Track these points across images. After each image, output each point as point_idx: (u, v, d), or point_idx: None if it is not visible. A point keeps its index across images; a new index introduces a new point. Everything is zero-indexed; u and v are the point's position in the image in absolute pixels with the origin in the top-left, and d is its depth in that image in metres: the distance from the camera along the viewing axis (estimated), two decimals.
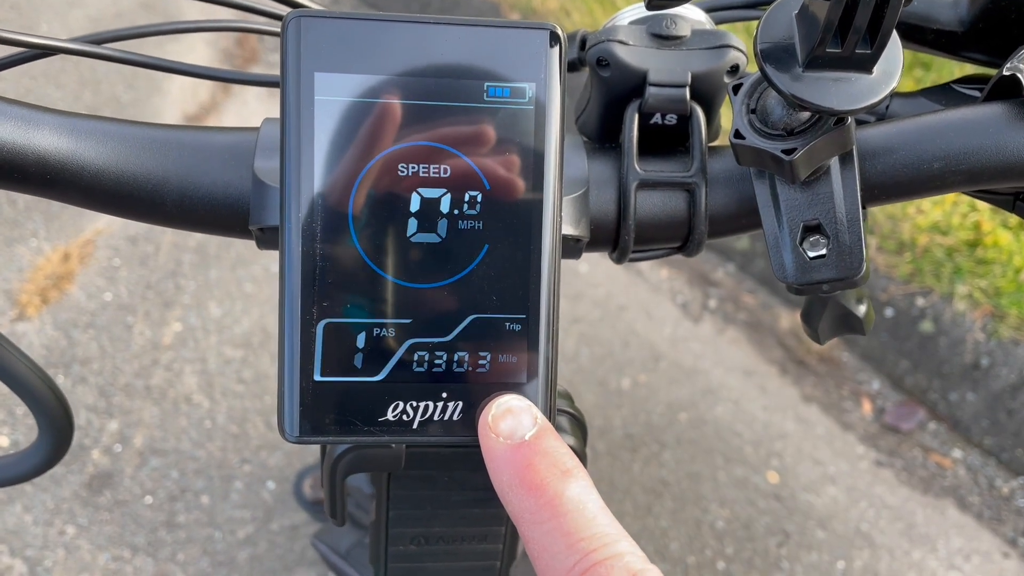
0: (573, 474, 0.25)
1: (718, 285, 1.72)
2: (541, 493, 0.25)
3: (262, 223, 0.33)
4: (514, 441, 0.26)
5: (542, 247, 0.29)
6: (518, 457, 0.26)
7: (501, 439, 0.26)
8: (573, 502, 0.24)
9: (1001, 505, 1.43)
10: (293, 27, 0.28)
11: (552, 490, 0.25)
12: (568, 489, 0.25)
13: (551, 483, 0.25)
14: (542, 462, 0.25)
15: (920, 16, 0.38)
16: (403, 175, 0.29)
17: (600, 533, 0.24)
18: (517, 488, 0.25)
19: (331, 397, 0.29)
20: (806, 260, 0.34)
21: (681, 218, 0.36)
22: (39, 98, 1.91)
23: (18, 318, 1.55)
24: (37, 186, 0.32)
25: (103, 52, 0.37)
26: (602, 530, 0.24)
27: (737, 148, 0.33)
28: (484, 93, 0.29)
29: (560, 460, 0.26)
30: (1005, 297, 1.46)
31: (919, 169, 0.34)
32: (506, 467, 0.26)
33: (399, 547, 0.44)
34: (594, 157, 0.36)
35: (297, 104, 0.28)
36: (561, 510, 0.24)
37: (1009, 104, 0.34)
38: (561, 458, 0.26)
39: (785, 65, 0.29)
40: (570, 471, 0.25)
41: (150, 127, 0.34)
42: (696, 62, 0.36)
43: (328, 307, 0.29)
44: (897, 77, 0.29)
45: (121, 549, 1.29)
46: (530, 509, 0.25)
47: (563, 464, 0.26)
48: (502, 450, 0.26)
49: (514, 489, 0.25)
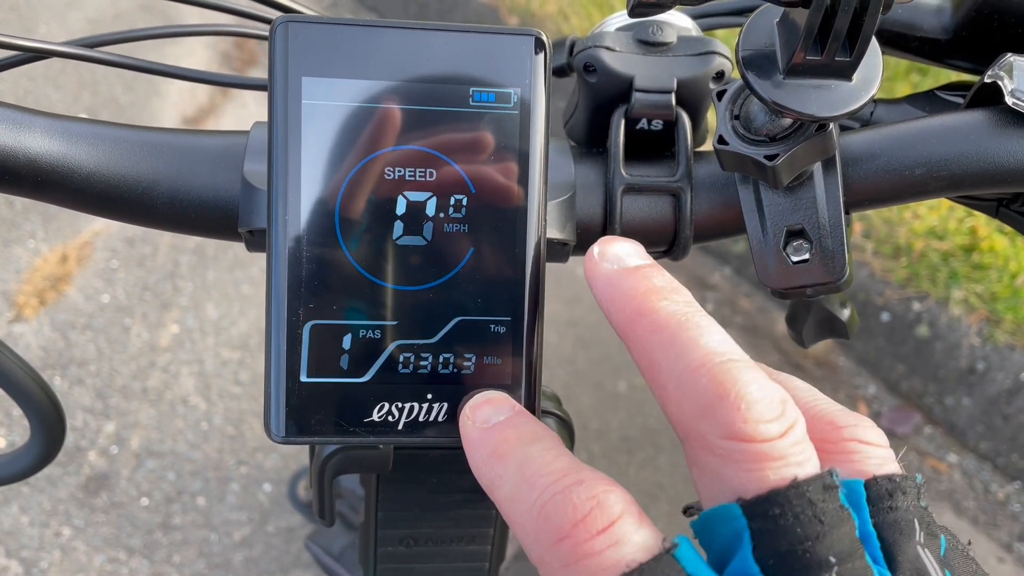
0: (541, 437, 0.25)
1: (715, 289, 1.72)
2: (509, 458, 0.24)
3: (251, 226, 0.33)
4: (490, 424, 0.26)
5: (527, 250, 0.30)
6: (492, 434, 0.25)
7: (478, 424, 0.26)
8: (536, 453, 0.24)
9: (996, 510, 1.43)
10: (281, 32, 0.28)
11: (520, 453, 0.24)
12: (533, 448, 0.24)
13: (519, 448, 0.24)
14: (512, 434, 0.25)
15: (904, 24, 0.38)
16: (389, 178, 0.29)
17: (559, 468, 0.23)
18: (488, 458, 0.25)
19: (317, 398, 0.29)
20: (789, 264, 0.34)
21: (667, 222, 0.37)
22: (38, 99, 1.91)
23: (15, 319, 1.55)
24: (28, 188, 0.32)
25: (97, 56, 0.37)
26: (562, 466, 0.23)
27: (721, 154, 0.33)
28: (470, 98, 0.29)
29: (531, 430, 0.25)
30: (1001, 302, 1.46)
31: (901, 175, 0.34)
32: (480, 446, 0.25)
33: (388, 548, 0.44)
34: (581, 162, 0.37)
35: (284, 108, 0.28)
36: (525, 462, 0.23)
37: (990, 111, 0.35)
38: (533, 428, 0.25)
39: (766, 72, 0.30)
40: (540, 436, 0.25)
41: (141, 130, 0.34)
42: (682, 68, 0.36)
43: (314, 309, 0.29)
44: (877, 84, 0.29)
45: (117, 551, 1.30)
46: (499, 473, 0.24)
47: (534, 433, 0.25)
48: (478, 434, 0.26)
49: (486, 460, 0.25)
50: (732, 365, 0.22)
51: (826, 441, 0.23)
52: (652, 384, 0.24)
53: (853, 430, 0.23)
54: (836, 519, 0.20)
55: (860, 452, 0.23)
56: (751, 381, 0.21)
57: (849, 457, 0.23)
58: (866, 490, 0.22)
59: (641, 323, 0.24)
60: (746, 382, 0.21)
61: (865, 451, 0.23)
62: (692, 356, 0.22)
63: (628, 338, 0.25)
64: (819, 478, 0.21)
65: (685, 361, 0.22)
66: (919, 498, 0.22)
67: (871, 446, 0.23)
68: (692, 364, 0.22)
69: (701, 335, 0.23)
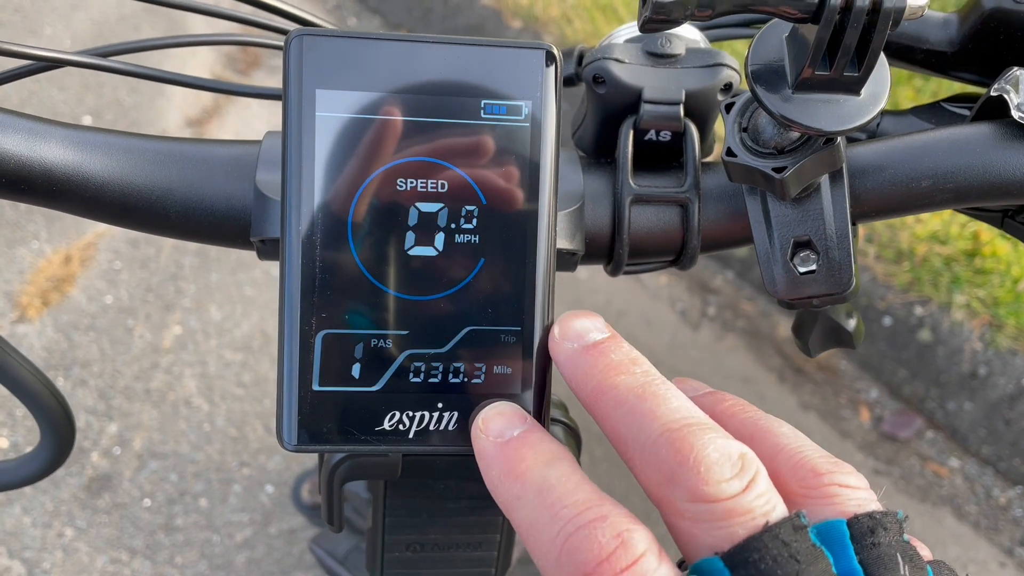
0: (559, 457, 0.25)
1: (717, 292, 1.72)
2: (527, 479, 0.25)
3: (263, 235, 0.33)
4: (504, 439, 0.27)
5: (537, 261, 0.30)
6: (507, 451, 0.26)
7: (491, 438, 0.27)
8: (556, 478, 0.24)
9: (998, 514, 1.43)
10: (296, 45, 0.29)
11: (538, 474, 0.25)
12: (552, 471, 0.25)
13: (536, 468, 0.25)
14: (529, 452, 0.26)
15: (910, 36, 0.39)
16: (401, 189, 0.29)
17: (582, 499, 0.23)
18: (505, 478, 0.25)
19: (329, 407, 0.29)
20: (796, 275, 0.34)
21: (675, 233, 0.37)
22: (42, 101, 1.92)
23: (19, 320, 1.55)
24: (43, 197, 0.33)
25: (109, 65, 0.38)
26: (584, 497, 0.23)
27: (729, 166, 0.33)
28: (481, 110, 0.29)
29: (547, 448, 0.26)
30: (1003, 307, 1.47)
31: (908, 187, 0.35)
32: (495, 462, 0.26)
33: (395, 554, 0.44)
34: (589, 172, 0.37)
35: (299, 119, 0.29)
36: (544, 487, 0.24)
37: (996, 124, 0.35)
38: (549, 446, 0.26)
39: (775, 86, 0.30)
40: (556, 455, 0.25)
41: (154, 139, 0.34)
42: (690, 80, 0.36)
43: (327, 318, 0.29)
44: (885, 99, 0.30)
45: (119, 552, 1.30)
46: (517, 494, 0.25)
47: (550, 452, 0.26)
48: (492, 448, 0.26)
49: (502, 480, 0.25)
50: (688, 430, 0.23)
51: (809, 487, 0.24)
52: (622, 456, 0.25)
53: (833, 476, 0.24)
54: (810, 557, 0.21)
55: (841, 495, 0.24)
56: (708, 443, 0.23)
57: (831, 500, 0.24)
58: (849, 528, 0.23)
59: (603, 400, 0.25)
60: (703, 445, 0.22)
61: (846, 493, 0.24)
62: (651, 427, 0.24)
63: (594, 414, 0.26)
64: (788, 520, 0.22)
65: (646, 433, 0.24)
66: (901, 533, 0.23)
67: (851, 489, 0.24)
68: (652, 435, 0.23)
69: (658, 405, 0.24)
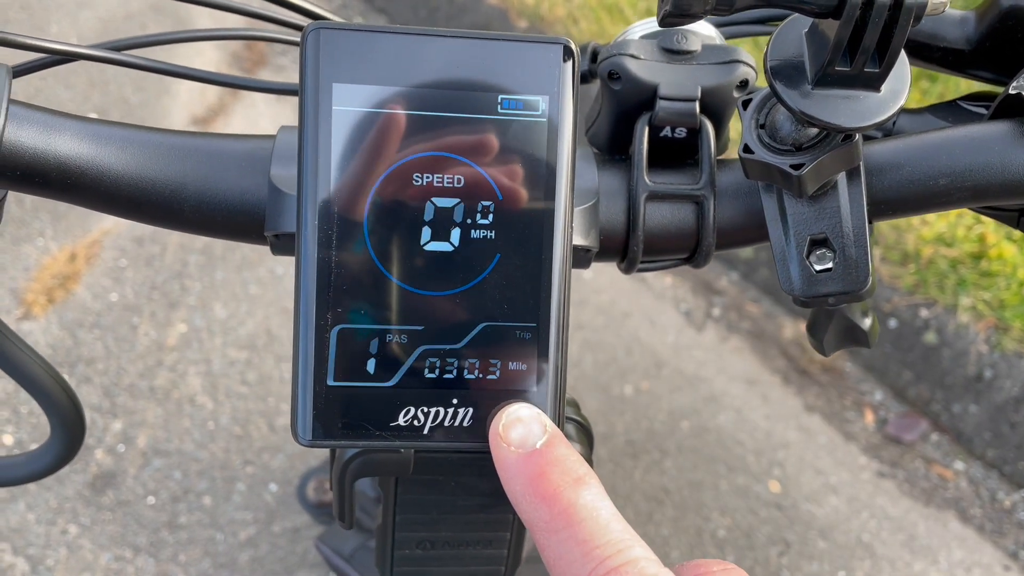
0: (585, 481, 0.26)
1: (722, 293, 1.72)
2: (555, 502, 0.25)
3: (277, 229, 0.33)
4: (525, 450, 0.27)
5: (553, 257, 0.30)
6: (530, 466, 0.26)
7: (512, 448, 0.27)
8: (587, 509, 0.25)
9: (1003, 518, 1.43)
10: (312, 39, 0.29)
11: (565, 499, 0.25)
12: (581, 497, 0.25)
13: (564, 492, 0.25)
14: (554, 471, 0.26)
15: (927, 34, 0.39)
16: (417, 184, 0.29)
17: (614, 539, 0.24)
18: (531, 498, 0.26)
19: (344, 402, 0.29)
20: (812, 273, 0.34)
21: (689, 230, 0.37)
22: (48, 98, 1.92)
23: (24, 317, 1.55)
24: (58, 191, 0.33)
25: (123, 59, 0.38)
26: (616, 536, 0.24)
27: (746, 162, 0.33)
28: (498, 105, 0.29)
29: (572, 468, 0.26)
30: (1009, 310, 1.46)
31: (925, 185, 0.35)
32: (519, 477, 0.26)
33: (405, 551, 0.44)
34: (604, 169, 0.37)
35: (315, 114, 0.29)
36: (575, 518, 0.25)
37: (1014, 123, 0.35)
38: (573, 466, 0.26)
39: (794, 82, 0.30)
40: (582, 478, 0.26)
41: (169, 134, 0.34)
42: (706, 77, 0.36)
43: (342, 313, 0.29)
44: (905, 95, 0.30)
45: (123, 549, 1.30)
46: (544, 518, 0.25)
47: (575, 472, 0.26)
48: (514, 460, 0.27)
49: (527, 498, 0.26)
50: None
51: None
52: None
53: None
54: None
55: None
56: None
57: None
58: None
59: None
60: None
61: None
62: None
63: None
64: None
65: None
66: None
67: None
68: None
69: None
